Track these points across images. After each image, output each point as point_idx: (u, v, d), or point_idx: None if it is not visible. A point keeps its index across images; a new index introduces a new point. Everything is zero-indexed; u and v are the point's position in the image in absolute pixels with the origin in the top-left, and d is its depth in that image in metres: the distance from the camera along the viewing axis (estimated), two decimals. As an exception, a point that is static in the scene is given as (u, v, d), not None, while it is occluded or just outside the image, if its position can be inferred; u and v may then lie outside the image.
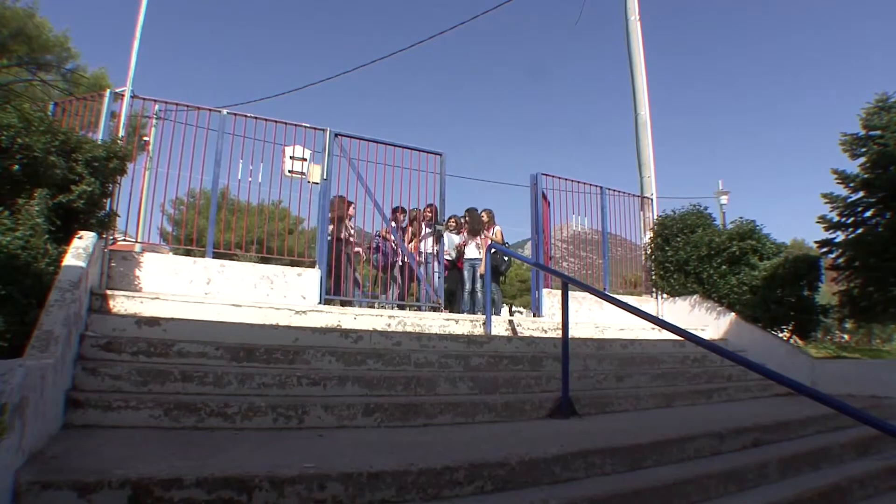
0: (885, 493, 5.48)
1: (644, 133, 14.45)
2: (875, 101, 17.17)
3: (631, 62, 14.95)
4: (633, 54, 14.93)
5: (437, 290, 10.62)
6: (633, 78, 14.85)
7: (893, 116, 16.60)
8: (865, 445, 6.20)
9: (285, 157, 9.57)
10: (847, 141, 17.34)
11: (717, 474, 4.47)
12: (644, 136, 14.43)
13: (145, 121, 9.29)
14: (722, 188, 25.55)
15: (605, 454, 4.23)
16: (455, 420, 5.14)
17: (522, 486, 3.65)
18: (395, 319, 7.56)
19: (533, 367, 7.01)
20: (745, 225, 11.90)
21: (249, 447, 3.63)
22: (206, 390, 4.69)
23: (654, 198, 13.83)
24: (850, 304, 16.79)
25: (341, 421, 4.63)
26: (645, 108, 14.61)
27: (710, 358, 9.01)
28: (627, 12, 15.19)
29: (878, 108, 17.02)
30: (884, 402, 8.17)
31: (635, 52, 14.91)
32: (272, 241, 10.51)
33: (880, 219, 16.40)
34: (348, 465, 3.22)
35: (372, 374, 5.50)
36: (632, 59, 14.94)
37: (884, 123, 16.67)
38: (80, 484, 2.63)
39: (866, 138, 17.00)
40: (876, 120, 16.88)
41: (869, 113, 17.13)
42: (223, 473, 2.87)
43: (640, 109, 14.61)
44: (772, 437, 5.79)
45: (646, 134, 14.44)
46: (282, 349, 5.60)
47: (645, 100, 14.68)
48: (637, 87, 14.77)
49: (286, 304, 7.63)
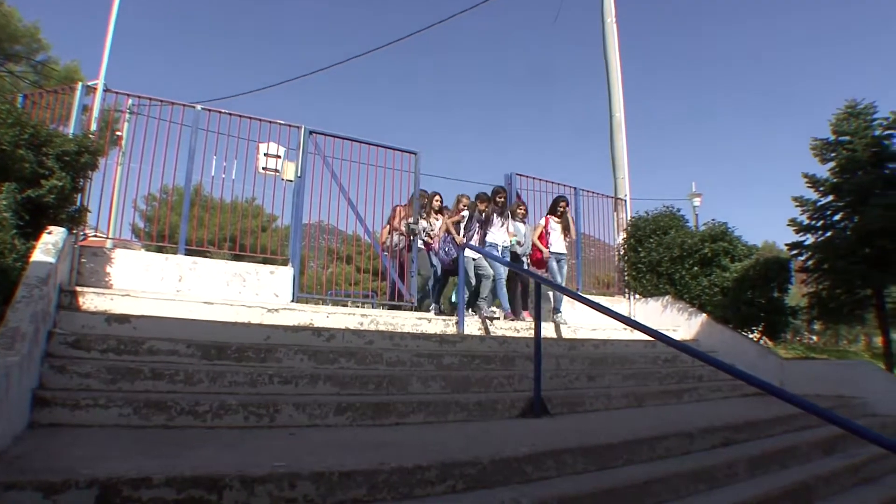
0: (850, 490, 5.63)
1: (618, 135, 14.54)
2: (845, 107, 17.46)
3: (607, 64, 15.03)
4: (609, 56, 15.01)
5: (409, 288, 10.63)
6: (609, 80, 14.94)
7: (861, 123, 16.90)
8: (831, 444, 6.32)
9: (259, 154, 9.50)
10: (817, 146, 17.59)
11: (687, 473, 4.53)
12: (618, 137, 14.53)
13: (118, 115, 9.16)
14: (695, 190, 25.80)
15: (576, 453, 4.26)
16: (427, 419, 5.15)
17: (494, 485, 3.66)
18: (367, 318, 7.54)
19: (505, 367, 7.04)
20: (717, 227, 12.02)
21: (220, 446, 3.60)
22: (177, 388, 4.65)
23: (627, 199, 13.94)
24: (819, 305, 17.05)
25: (313, 419, 4.62)
26: (620, 109, 14.71)
27: (681, 358, 9.09)
28: (604, 14, 15.28)
29: (848, 114, 17.31)
30: (849, 401, 8.33)
31: (611, 54, 15.00)
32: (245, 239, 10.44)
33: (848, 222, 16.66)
34: (319, 463, 3.21)
35: (344, 373, 5.48)
36: (608, 61, 15.03)
37: (852, 129, 16.95)
38: (45, 484, 2.59)
39: (836, 143, 17.27)
40: (845, 126, 17.15)
41: (839, 119, 17.40)
42: (193, 472, 2.84)
43: (615, 111, 14.70)
44: (741, 437, 5.87)
45: (620, 136, 14.53)
46: (254, 347, 5.57)
47: (620, 102, 14.77)
48: (612, 88, 14.86)
49: (259, 301, 7.58)
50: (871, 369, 9.53)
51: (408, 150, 10.84)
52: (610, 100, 14.85)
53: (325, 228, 12.04)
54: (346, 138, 10.28)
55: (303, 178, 9.71)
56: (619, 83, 14.91)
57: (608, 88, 14.93)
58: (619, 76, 14.93)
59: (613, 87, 14.86)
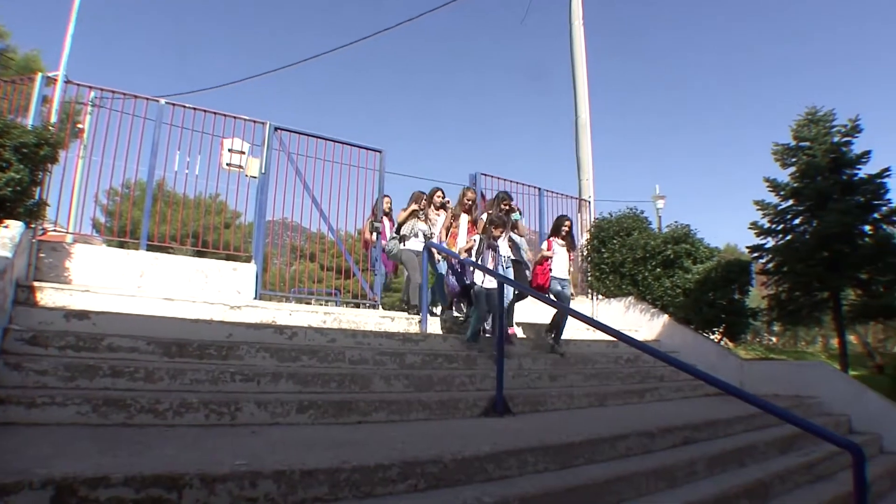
0: (805, 487, 5.80)
1: (584, 136, 14.66)
2: (805, 113, 17.85)
3: (573, 65, 15.15)
4: (576, 58, 15.14)
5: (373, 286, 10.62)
6: (575, 81, 15.06)
7: (821, 129, 17.29)
8: (788, 443, 6.49)
9: (223, 150, 9.42)
10: (779, 151, 17.98)
11: (647, 472, 4.60)
12: (584, 138, 14.65)
13: (80, 108, 9.01)
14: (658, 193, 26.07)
15: (537, 452, 4.30)
16: (389, 418, 5.15)
17: (456, 484, 3.68)
18: (330, 316, 7.52)
19: (468, 366, 7.06)
20: (679, 229, 12.15)
21: (180, 444, 3.57)
22: (137, 386, 4.59)
23: (591, 200, 14.06)
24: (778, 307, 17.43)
25: (275, 418, 4.59)
26: (585, 111, 14.83)
27: (643, 358, 9.20)
28: (572, 17, 15.40)
29: (808, 120, 17.71)
30: (806, 401, 8.52)
31: (578, 56, 15.12)
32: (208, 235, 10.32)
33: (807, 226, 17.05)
34: (281, 462, 3.20)
35: (306, 371, 5.47)
36: (574, 63, 15.15)
37: (812, 135, 17.34)
38: (-3, 484, 2.53)
39: (796, 149, 17.66)
40: (805, 132, 17.54)
41: (799, 125, 17.80)
42: (152, 471, 2.81)
43: (580, 112, 14.83)
44: (701, 436, 5.98)
45: (585, 137, 14.65)
46: (215, 345, 5.53)
47: (585, 103, 14.90)
48: (578, 90, 14.98)
49: (221, 299, 7.51)
50: (827, 370, 9.74)
51: (373, 147, 10.85)
52: (576, 101, 14.97)
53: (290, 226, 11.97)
54: (312, 135, 10.25)
55: (267, 174, 9.65)
56: (585, 85, 15.03)
57: (574, 89, 15.05)
58: (584, 78, 15.06)
59: (579, 89, 14.98)
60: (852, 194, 16.63)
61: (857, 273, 16.27)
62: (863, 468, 3.84)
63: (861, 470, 3.83)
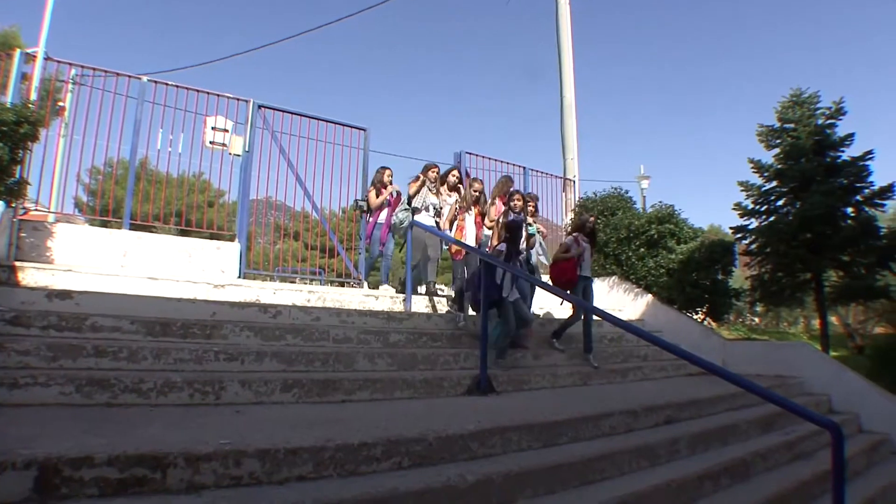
0: (785, 465, 5.88)
1: (569, 116, 14.65)
2: (790, 95, 17.88)
3: (559, 46, 15.11)
4: (562, 38, 15.09)
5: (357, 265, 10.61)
6: (561, 61, 15.02)
7: (806, 111, 17.34)
8: (769, 422, 6.57)
9: (206, 128, 9.35)
10: (763, 132, 18.00)
11: (630, 450, 4.66)
12: (569, 118, 14.64)
13: (60, 85, 8.90)
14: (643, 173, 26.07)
15: (521, 431, 4.34)
16: (373, 396, 5.17)
17: (440, 462, 3.71)
18: (314, 295, 7.51)
19: (452, 345, 7.08)
20: (664, 209, 12.20)
21: (164, 424, 3.57)
22: (121, 366, 4.57)
23: (576, 180, 14.08)
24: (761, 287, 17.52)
25: (259, 397, 4.59)
26: (571, 91, 14.81)
27: (626, 338, 9.26)
28: (558, -4, 15.33)
29: (793, 102, 17.74)
30: (787, 381, 8.62)
31: (564, 36, 15.07)
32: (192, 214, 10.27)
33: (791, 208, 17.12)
34: (265, 440, 3.20)
35: (290, 350, 5.46)
36: (560, 43, 15.11)
37: (797, 117, 17.38)
38: (-21, 466, 2.52)
39: (781, 130, 17.70)
40: (790, 113, 17.58)
41: (784, 106, 17.83)
42: (136, 451, 2.81)
43: (566, 92, 14.80)
44: (683, 415, 6.05)
45: (571, 117, 14.65)
46: (199, 324, 5.51)
47: (571, 83, 14.88)
48: (564, 70, 14.95)
49: (205, 278, 7.48)
50: (809, 350, 9.85)
51: (357, 126, 10.83)
52: (561, 81, 14.94)
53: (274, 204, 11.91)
54: (296, 113, 10.20)
55: (251, 152, 9.61)
56: (571, 65, 15.00)
57: (560, 70, 15.02)
58: (570, 58, 15.03)
59: (565, 69, 14.95)
60: (836, 176, 16.70)
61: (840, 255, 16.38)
62: (841, 447, 3.90)
63: (839, 449, 3.89)
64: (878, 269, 16.50)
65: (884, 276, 16.83)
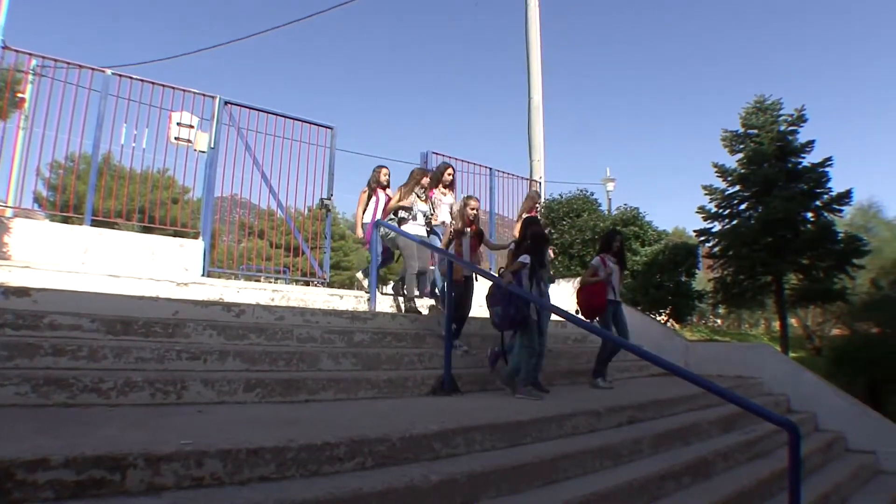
0: (745, 464, 6.00)
1: (536, 118, 14.71)
2: (754, 101, 18.29)
3: (528, 47, 15.15)
4: (531, 39, 15.14)
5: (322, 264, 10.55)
6: (529, 63, 15.08)
7: (769, 118, 17.71)
8: (730, 422, 6.70)
9: (172, 124, 9.22)
10: (727, 137, 18.39)
11: (593, 450, 4.72)
12: (536, 120, 14.70)
13: (20, 76, 8.73)
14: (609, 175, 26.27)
15: (485, 431, 4.36)
16: (337, 396, 5.14)
17: (403, 462, 3.70)
18: (279, 294, 7.46)
19: (416, 345, 7.08)
20: (629, 211, 12.32)
21: (125, 424, 3.51)
22: (80, 365, 4.49)
23: (542, 181, 14.14)
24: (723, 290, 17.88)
25: (221, 396, 4.54)
26: (538, 93, 14.87)
27: (590, 338, 9.32)
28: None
29: (756, 108, 18.14)
30: (748, 381, 8.80)
31: (532, 38, 15.12)
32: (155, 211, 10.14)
33: (753, 212, 17.50)
34: (227, 441, 3.17)
35: (254, 349, 5.41)
36: (528, 45, 15.16)
37: (760, 123, 17.76)
38: (-73, 470, 2.44)
39: (744, 136, 18.09)
40: (753, 119, 17.98)
41: (748, 112, 18.23)
42: (95, 452, 2.74)
43: (533, 94, 14.87)
44: (646, 415, 6.14)
45: (538, 119, 14.71)
46: (161, 322, 5.43)
47: (539, 85, 14.94)
48: (532, 72, 15.01)
49: (167, 275, 7.38)
50: (769, 352, 10.06)
51: (324, 124, 10.78)
52: (529, 83, 15.00)
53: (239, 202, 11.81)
54: (262, 110, 10.13)
55: (216, 149, 9.51)
56: (539, 67, 15.07)
57: (528, 71, 15.07)
58: (538, 60, 15.09)
59: (533, 71, 15.01)
60: (796, 182, 17.09)
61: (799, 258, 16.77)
62: (798, 445, 4.01)
63: (796, 447, 4.00)
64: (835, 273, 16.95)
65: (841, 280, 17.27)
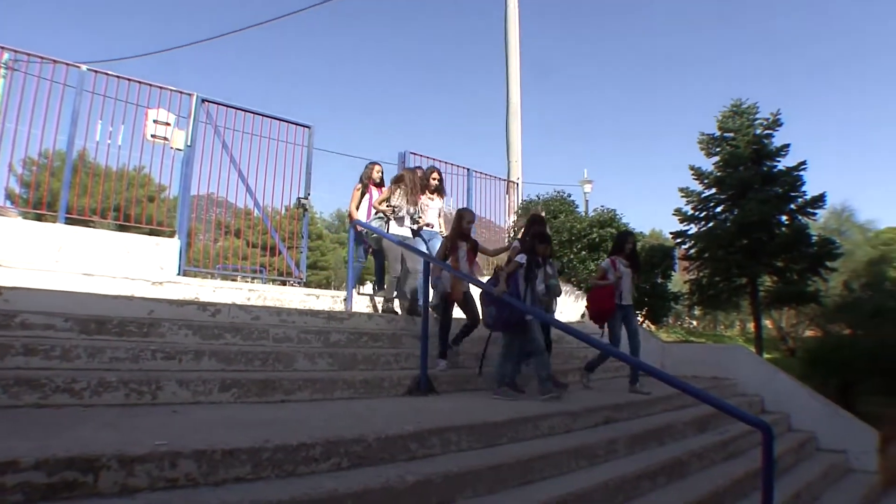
0: (719, 464, 6.08)
1: (514, 119, 14.76)
2: (731, 105, 18.50)
3: (507, 49, 15.19)
4: (510, 41, 15.18)
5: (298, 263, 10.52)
6: (508, 64, 15.12)
7: (745, 121, 17.93)
8: (705, 422, 6.78)
9: (148, 121, 9.13)
10: (704, 140, 18.60)
11: (569, 450, 4.75)
12: (514, 122, 14.75)
13: (-8, 70, 8.61)
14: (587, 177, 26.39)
15: (461, 431, 4.37)
16: (313, 396, 5.14)
17: (379, 463, 3.71)
18: (255, 293, 7.44)
19: (392, 345, 7.08)
20: (606, 213, 12.39)
21: (98, 425, 3.48)
22: (52, 365, 4.44)
23: (519, 182, 14.18)
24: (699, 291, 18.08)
25: (197, 396, 4.52)
26: (517, 94, 14.91)
27: (566, 339, 9.34)
28: (507, 0, 15.40)
29: (733, 111, 18.37)
30: (723, 382, 8.91)
31: (511, 40, 15.17)
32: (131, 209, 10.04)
33: (729, 214, 17.72)
34: (202, 441, 3.15)
35: (229, 349, 5.38)
36: (507, 46, 15.19)
37: (736, 126, 17.97)
38: None
39: (721, 139, 18.30)
40: (730, 123, 18.21)
41: (725, 116, 18.44)
42: (67, 453, 2.71)
43: (511, 96, 14.90)
44: (622, 416, 6.20)
45: (516, 120, 14.76)
46: (136, 322, 5.38)
47: (517, 87, 14.98)
48: (511, 73, 15.05)
49: (143, 274, 7.32)
50: (744, 353, 10.18)
51: (302, 123, 10.73)
52: (508, 84, 15.05)
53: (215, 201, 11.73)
54: (240, 108, 10.06)
55: (193, 147, 9.43)
56: (518, 69, 15.12)
57: (506, 73, 15.11)
58: (517, 62, 15.14)
59: (512, 73, 15.05)
60: (772, 185, 17.30)
61: (774, 261, 16.98)
62: (771, 446, 4.08)
63: (769, 447, 4.07)
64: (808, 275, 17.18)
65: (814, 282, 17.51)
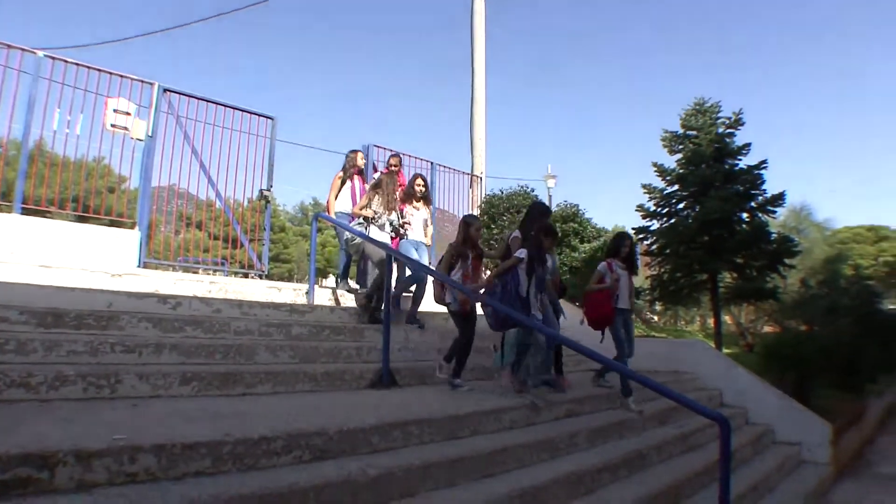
0: (679, 457, 6.24)
1: (478, 113, 14.79)
2: (694, 103, 18.73)
3: (472, 43, 15.19)
4: (475, 35, 15.19)
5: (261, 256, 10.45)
6: (473, 58, 15.13)
7: (707, 120, 18.19)
8: (665, 416, 6.93)
9: (108, 110, 8.97)
10: (667, 137, 18.80)
11: (531, 444, 4.81)
12: (478, 115, 14.77)
13: (-57, 54, 8.40)
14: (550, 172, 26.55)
15: (422, 424, 4.39)
16: (275, 389, 5.09)
17: (340, 456, 3.71)
18: (216, 286, 7.37)
19: (354, 338, 7.05)
20: (569, 208, 12.48)
21: (55, 419, 3.42)
22: (7, 359, 4.34)
23: (483, 176, 14.22)
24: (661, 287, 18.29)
25: (156, 390, 4.46)
26: (481, 88, 14.92)
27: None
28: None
29: (696, 110, 18.60)
30: (683, 376, 9.06)
31: (477, 33, 15.18)
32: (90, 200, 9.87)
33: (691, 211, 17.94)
34: (162, 435, 3.12)
35: (190, 342, 5.32)
36: (473, 40, 15.19)
37: (699, 125, 18.20)
38: None
39: (684, 137, 18.51)
40: (693, 121, 18.42)
41: (688, 114, 18.68)
42: (21, 450, 2.66)
43: (476, 90, 14.92)
44: (584, 409, 6.29)
45: (480, 114, 14.78)
46: (94, 314, 5.30)
47: (482, 81, 14.99)
48: (476, 67, 15.07)
49: (101, 266, 7.21)
50: (703, 348, 10.35)
51: (265, 114, 10.66)
52: (473, 78, 15.06)
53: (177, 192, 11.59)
54: (202, 99, 9.96)
55: (154, 137, 9.31)
56: (483, 63, 15.12)
57: (472, 67, 15.12)
58: (482, 55, 15.15)
59: (477, 66, 15.07)
60: (733, 183, 17.56)
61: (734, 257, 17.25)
62: (728, 438, 4.17)
63: (727, 440, 4.16)
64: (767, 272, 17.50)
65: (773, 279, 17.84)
